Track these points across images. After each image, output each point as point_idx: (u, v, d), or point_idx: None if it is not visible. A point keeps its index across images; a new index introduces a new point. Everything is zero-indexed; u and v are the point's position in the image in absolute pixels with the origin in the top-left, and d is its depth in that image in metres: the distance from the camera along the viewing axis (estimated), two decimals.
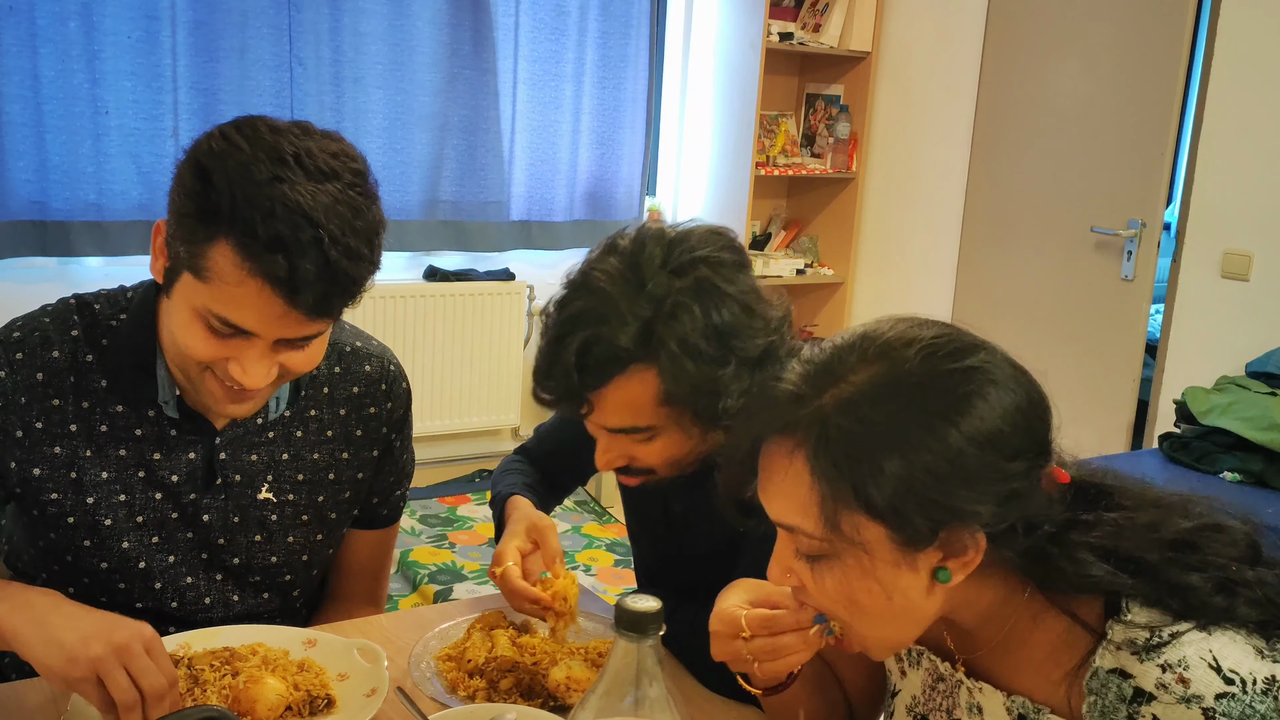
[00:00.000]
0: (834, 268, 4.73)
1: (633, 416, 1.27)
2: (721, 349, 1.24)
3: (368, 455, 1.47)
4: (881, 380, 0.91)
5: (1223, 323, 3.39)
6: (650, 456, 1.32)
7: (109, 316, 1.32)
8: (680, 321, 1.22)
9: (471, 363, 4.21)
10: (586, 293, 1.26)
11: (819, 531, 0.92)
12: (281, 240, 1.11)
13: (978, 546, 0.91)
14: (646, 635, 0.87)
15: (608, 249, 1.29)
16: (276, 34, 3.66)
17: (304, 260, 1.11)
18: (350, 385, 1.45)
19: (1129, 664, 0.91)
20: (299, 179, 1.13)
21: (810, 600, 0.98)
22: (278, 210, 1.11)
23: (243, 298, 1.14)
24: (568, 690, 1.27)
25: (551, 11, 4.19)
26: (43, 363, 1.29)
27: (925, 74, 4.35)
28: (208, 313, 1.17)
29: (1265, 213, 3.31)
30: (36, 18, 3.29)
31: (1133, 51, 3.57)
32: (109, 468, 1.32)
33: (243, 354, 1.18)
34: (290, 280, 1.12)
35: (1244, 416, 2.89)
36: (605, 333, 1.22)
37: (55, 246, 3.45)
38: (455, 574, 3.50)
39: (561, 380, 1.25)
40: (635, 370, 1.24)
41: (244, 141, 1.14)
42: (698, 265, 1.25)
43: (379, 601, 1.62)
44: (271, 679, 1.19)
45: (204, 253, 1.14)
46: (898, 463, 0.88)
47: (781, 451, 0.93)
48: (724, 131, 4.50)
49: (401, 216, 4.03)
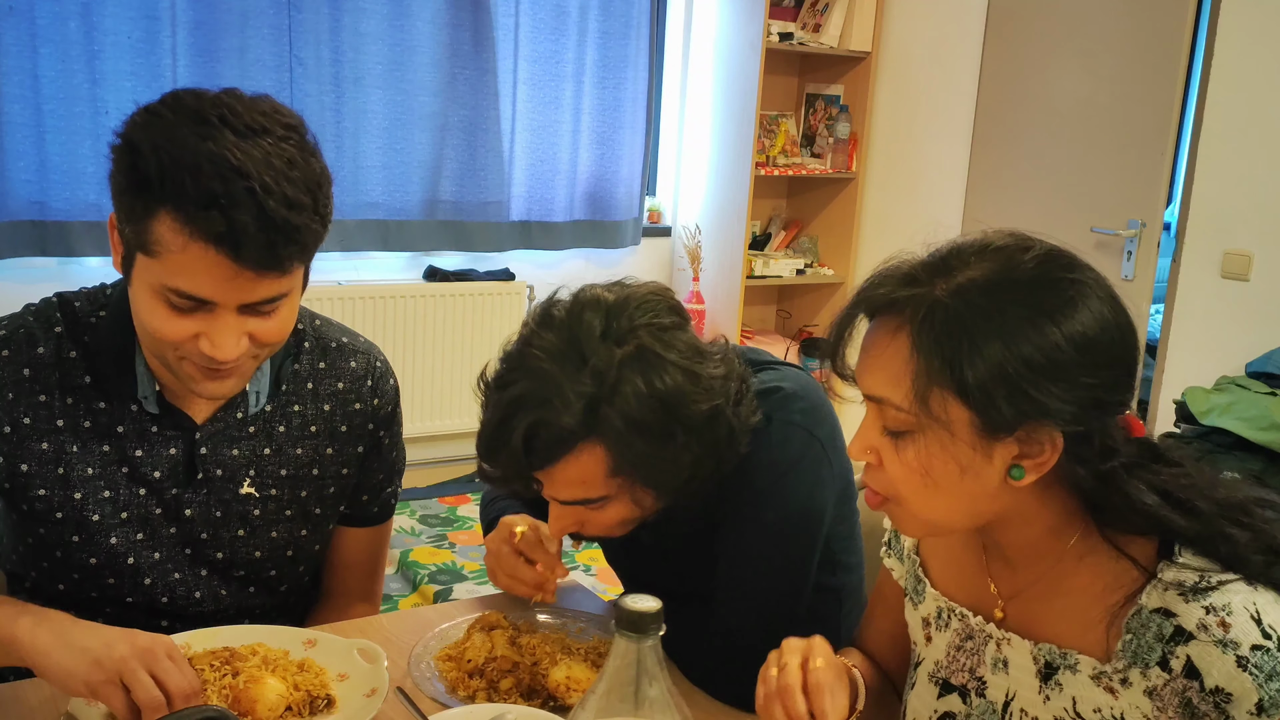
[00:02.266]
0: (834, 268, 4.73)
1: (584, 490, 1.26)
2: (667, 418, 1.21)
3: (353, 451, 1.47)
4: (995, 275, 0.96)
5: (1223, 323, 3.39)
6: (605, 519, 1.31)
7: (89, 313, 1.33)
8: (624, 396, 1.19)
9: (472, 363, 4.21)
10: (526, 374, 1.22)
11: (908, 405, 0.95)
12: (214, 196, 1.10)
13: (1055, 447, 0.95)
14: (646, 635, 0.87)
15: (543, 322, 1.25)
16: (276, 34, 3.67)
17: (239, 213, 1.10)
18: (335, 381, 1.44)
19: (1174, 604, 0.94)
20: (226, 137, 1.12)
21: (881, 478, 1.02)
22: (205, 167, 1.10)
23: (190, 264, 1.13)
24: (568, 690, 1.27)
25: (551, 11, 4.20)
26: (29, 359, 1.29)
27: (925, 74, 4.35)
28: (164, 289, 1.16)
29: (1265, 213, 3.31)
30: (36, 18, 3.29)
31: (1133, 51, 3.57)
32: (94, 463, 1.32)
33: (210, 327, 1.17)
34: (230, 235, 1.10)
35: (1244, 416, 2.89)
36: (550, 416, 1.19)
37: (55, 246, 3.46)
38: (455, 574, 3.50)
39: (509, 462, 1.24)
40: (584, 447, 1.21)
41: (166, 110, 1.15)
42: (638, 332, 1.22)
43: (374, 598, 1.62)
44: (271, 679, 1.19)
45: (147, 228, 1.14)
46: (997, 348, 0.92)
47: (886, 328, 0.98)
48: (724, 131, 4.50)
49: (401, 216, 4.04)
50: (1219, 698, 0.91)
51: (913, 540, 1.22)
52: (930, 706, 1.15)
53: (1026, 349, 0.92)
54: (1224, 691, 0.91)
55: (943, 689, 1.14)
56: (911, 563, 1.21)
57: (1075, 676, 1.01)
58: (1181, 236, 3.50)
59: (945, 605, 1.15)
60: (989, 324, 0.92)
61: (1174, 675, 0.93)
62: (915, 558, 1.21)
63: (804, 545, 1.36)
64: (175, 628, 1.37)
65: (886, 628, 1.27)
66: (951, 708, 1.13)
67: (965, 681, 1.12)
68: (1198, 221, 3.46)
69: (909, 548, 1.22)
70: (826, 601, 1.44)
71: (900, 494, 1.01)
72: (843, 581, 1.46)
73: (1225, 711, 0.91)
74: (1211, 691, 0.91)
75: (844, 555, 1.45)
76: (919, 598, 1.19)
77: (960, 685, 1.12)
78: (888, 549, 1.27)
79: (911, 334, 0.95)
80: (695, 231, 4.63)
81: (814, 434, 1.35)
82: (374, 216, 3.96)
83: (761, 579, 1.35)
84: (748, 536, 1.35)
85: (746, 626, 1.35)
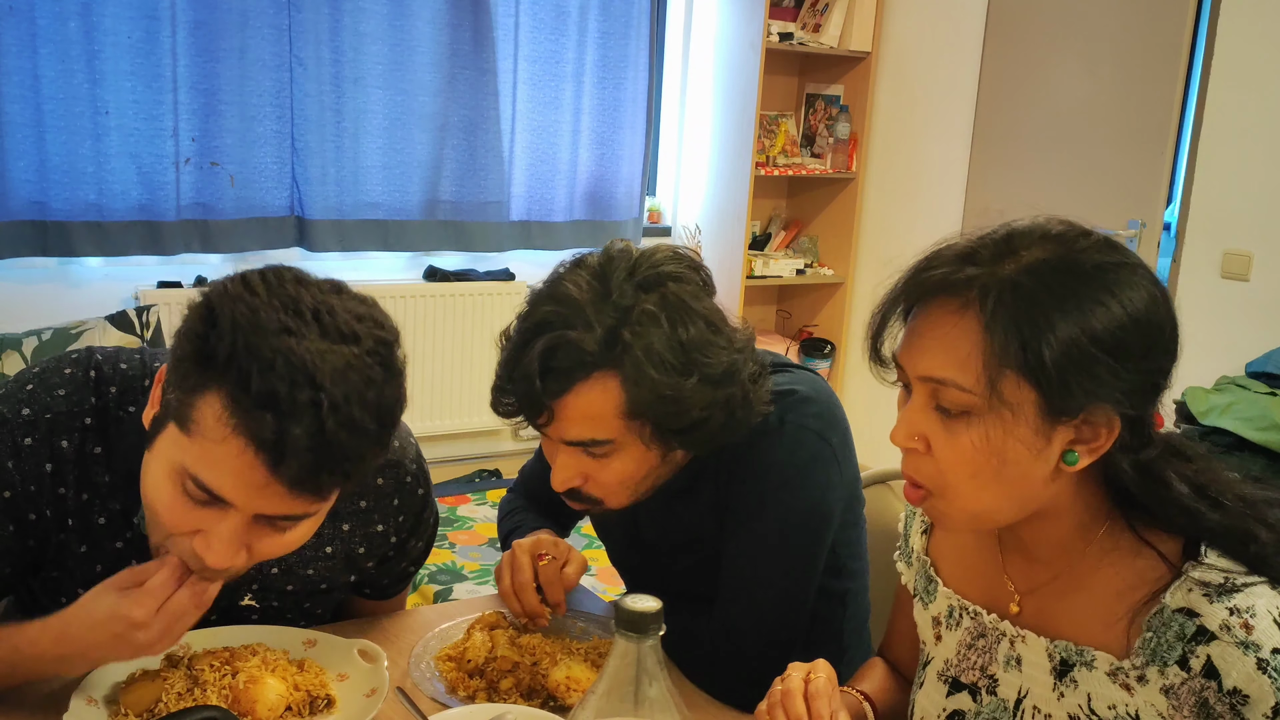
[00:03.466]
0: (834, 268, 4.73)
1: (592, 428, 1.25)
2: (685, 362, 1.22)
3: (367, 565, 1.40)
4: (1059, 256, 0.96)
5: (1223, 323, 3.39)
6: (607, 476, 1.30)
7: (120, 405, 1.22)
8: (646, 330, 1.21)
9: (471, 363, 4.20)
10: (553, 301, 1.25)
11: (975, 386, 0.94)
12: (275, 397, 0.98)
13: (1111, 431, 0.95)
14: (646, 635, 0.87)
15: (576, 264, 1.28)
16: (276, 34, 3.66)
17: (295, 424, 0.98)
18: (358, 499, 1.33)
19: (1198, 604, 0.94)
20: (311, 335, 1.01)
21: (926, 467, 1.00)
22: (278, 365, 0.98)
23: (223, 458, 1.01)
24: (568, 690, 1.27)
25: (551, 11, 4.19)
26: (50, 452, 1.19)
27: (925, 74, 4.35)
28: (184, 474, 1.04)
29: (1265, 213, 3.31)
30: (36, 18, 3.29)
31: (1133, 51, 3.58)
32: (103, 560, 1.25)
33: (213, 529, 1.06)
34: (276, 444, 0.99)
35: (1244, 417, 2.89)
36: (571, 337, 1.21)
37: (55, 246, 3.45)
38: (455, 574, 3.50)
39: (523, 385, 1.23)
40: (599, 377, 1.22)
41: (262, 287, 1.04)
42: (664, 281, 1.24)
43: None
44: (271, 679, 1.19)
45: (193, 403, 1.02)
46: (1071, 327, 0.92)
47: (947, 309, 0.96)
48: (724, 131, 4.50)
49: (401, 216, 4.04)
50: (1236, 699, 0.91)
51: (921, 542, 1.22)
52: (939, 705, 1.15)
53: (1098, 328, 0.92)
54: (1241, 693, 0.91)
55: (952, 687, 1.14)
56: (922, 564, 1.21)
57: (1091, 673, 1.01)
58: (1181, 236, 3.50)
59: (958, 603, 1.15)
60: (1062, 302, 0.92)
61: (1192, 674, 0.93)
62: (926, 559, 1.21)
63: (810, 547, 1.36)
64: None
65: (907, 630, 1.27)
66: (960, 706, 1.13)
67: (976, 679, 1.12)
68: (1198, 221, 3.46)
69: (919, 549, 1.22)
70: (830, 605, 1.45)
71: (948, 483, 0.99)
72: (846, 586, 1.46)
73: (1241, 714, 0.91)
74: (1229, 693, 0.91)
75: (849, 560, 1.46)
76: (929, 597, 1.19)
77: (970, 683, 1.12)
78: (899, 553, 1.27)
79: (982, 313, 0.94)
80: (695, 231, 4.63)
81: (826, 438, 1.35)
82: (374, 216, 3.96)
83: (766, 579, 1.35)
84: (755, 536, 1.35)
85: (748, 626, 1.35)
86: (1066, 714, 1.03)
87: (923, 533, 1.22)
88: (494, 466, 4.43)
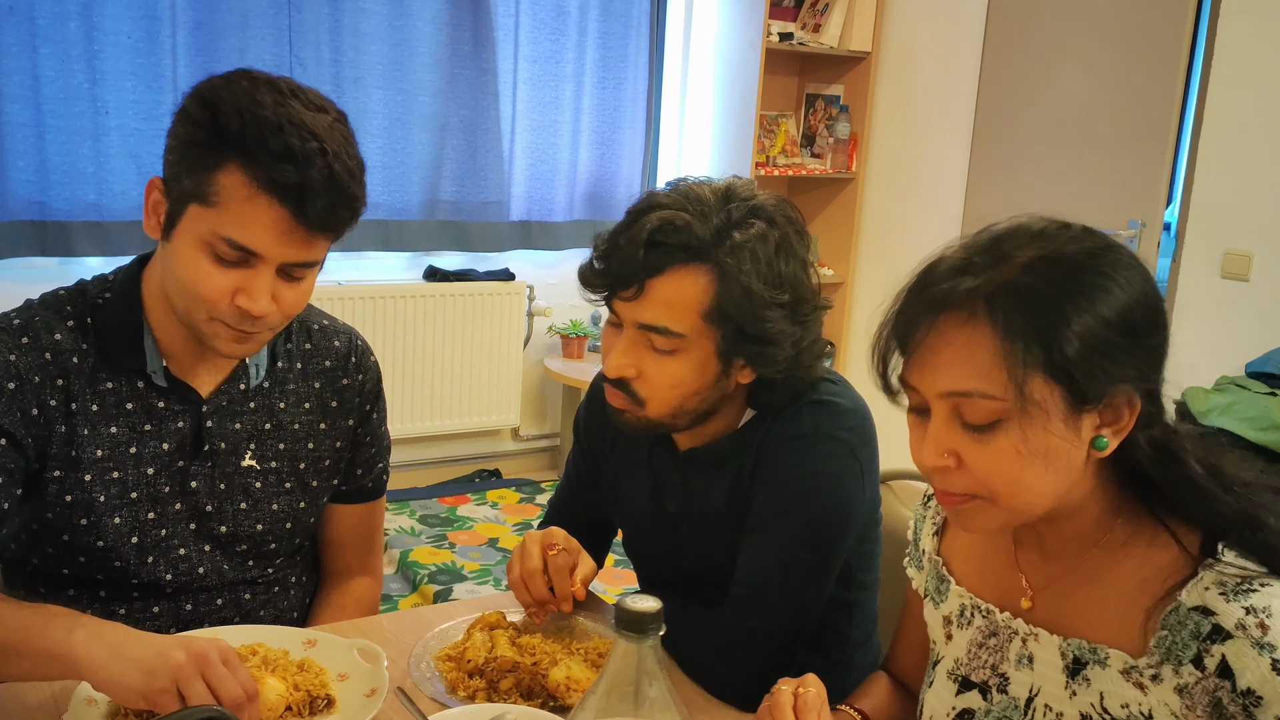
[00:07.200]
0: (834, 268, 4.73)
1: (671, 316, 1.30)
2: (778, 286, 1.30)
3: (344, 425, 1.53)
4: (1050, 252, 0.96)
5: (1223, 323, 3.39)
6: (662, 376, 1.33)
7: (95, 295, 1.38)
8: (753, 243, 1.29)
9: (471, 363, 4.21)
10: (678, 193, 1.33)
11: (1002, 392, 0.94)
12: (291, 151, 1.19)
13: (1132, 408, 0.96)
14: (646, 635, 0.87)
15: (702, 182, 1.36)
16: (276, 34, 3.67)
17: (311, 170, 1.20)
18: (322, 359, 1.51)
19: (1215, 602, 0.94)
20: (297, 105, 1.23)
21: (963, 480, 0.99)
22: (286, 126, 1.20)
23: (251, 215, 1.21)
24: (568, 690, 1.27)
25: (551, 11, 4.20)
26: (47, 343, 1.33)
27: (925, 74, 4.35)
28: (215, 239, 1.22)
29: (1265, 213, 3.31)
30: (36, 18, 3.30)
31: (1133, 52, 3.58)
32: (103, 445, 1.35)
33: (248, 283, 1.24)
34: (299, 190, 1.20)
35: (1244, 417, 2.88)
36: (685, 218, 1.29)
37: (55, 246, 3.46)
38: (455, 574, 3.50)
39: (626, 254, 1.29)
40: (697, 268, 1.28)
41: (243, 79, 1.25)
42: (775, 217, 1.32)
43: (375, 572, 1.66)
44: (271, 679, 1.19)
45: (212, 178, 1.21)
46: (1083, 316, 0.93)
47: (954, 323, 0.96)
48: (724, 131, 4.50)
49: (401, 216, 4.04)
50: (1249, 700, 0.91)
51: (933, 543, 1.22)
52: (948, 704, 1.15)
53: (1108, 313, 0.93)
54: (1255, 694, 0.90)
55: (962, 686, 1.14)
56: (934, 564, 1.21)
57: (1104, 671, 1.00)
58: (1181, 236, 3.50)
59: (970, 602, 1.14)
60: (1071, 296, 0.93)
61: (1207, 674, 0.93)
62: (938, 559, 1.21)
63: (826, 555, 1.37)
64: (177, 603, 1.42)
65: (916, 639, 1.27)
66: (970, 705, 1.12)
67: (986, 678, 1.11)
68: (1197, 221, 3.46)
69: (930, 550, 1.22)
70: (839, 613, 1.46)
71: (993, 488, 0.98)
72: (856, 597, 1.48)
73: (1254, 716, 0.91)
74: (1243, 694, 0.91)
75: (861, 574, 1.47)
76: (941, 597, 1.19)
77: (981, 682, 1.12)
78: (909, 559, 1.27)
79: (994, 321, 0.93)
80: None
81: (856, 454, 1.37)
82: (374, 216, 3.96)
83: (779, 580, 1.36)
84: (774, 536, 1.36)
85: (755, 625, 1.36)
86: (1078, 712, 1.02)
87: (934, 534, 1.22)
88: (494, 466, 4.43)
